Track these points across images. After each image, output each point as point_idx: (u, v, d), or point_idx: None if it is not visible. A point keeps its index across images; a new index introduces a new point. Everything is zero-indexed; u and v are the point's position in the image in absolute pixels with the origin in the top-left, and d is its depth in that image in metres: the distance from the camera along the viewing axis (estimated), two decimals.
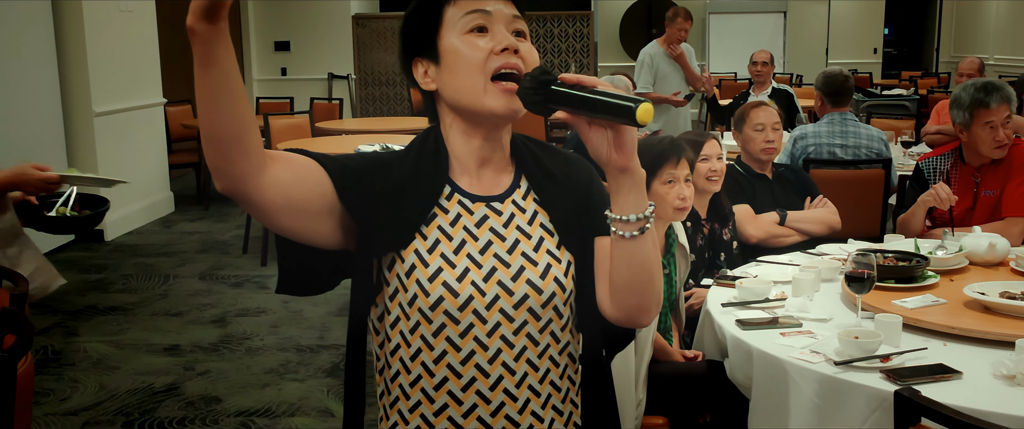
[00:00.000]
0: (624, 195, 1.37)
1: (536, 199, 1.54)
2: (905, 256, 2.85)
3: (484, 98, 1.42)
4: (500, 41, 1.42)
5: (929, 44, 16.24)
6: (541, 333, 1.50)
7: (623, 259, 1.42)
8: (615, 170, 1.35)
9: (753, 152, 3.73)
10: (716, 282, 2.94)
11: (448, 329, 1.45)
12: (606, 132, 1.33)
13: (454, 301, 1.43)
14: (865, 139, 4.54)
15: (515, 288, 1.47)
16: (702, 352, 2.78)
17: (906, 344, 2.30)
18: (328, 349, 4.61)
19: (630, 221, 1.37)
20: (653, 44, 6.96)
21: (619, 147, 1.33)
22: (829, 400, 2.16)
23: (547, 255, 1.50)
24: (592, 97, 1.29)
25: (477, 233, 1.48)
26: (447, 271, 1.44)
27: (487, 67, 1.41)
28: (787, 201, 3.74)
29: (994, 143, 3.42)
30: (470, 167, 1.52)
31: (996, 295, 2.51)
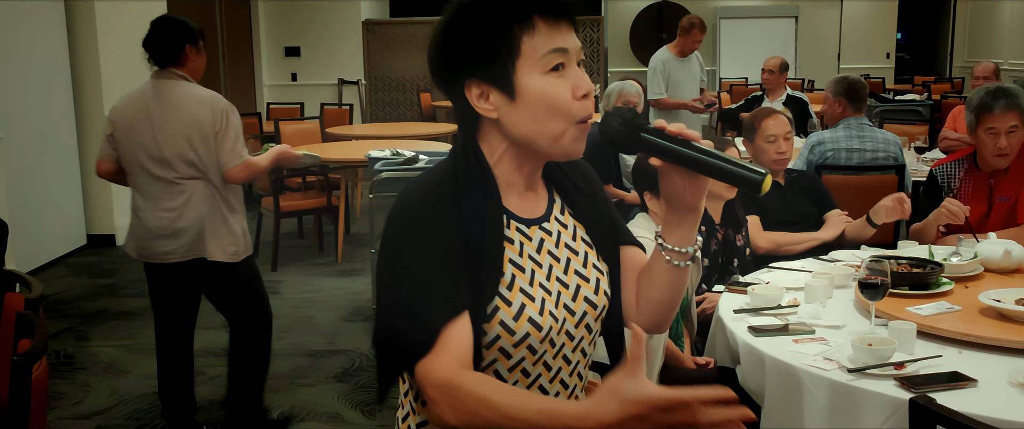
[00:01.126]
0: (685, 229, 1.45)
1: (572, 213, 1.54)
2: (919, 263, 2.83)
3: (564, 142, 1.39)
4: (582, 86, 1.38)
5: (942, 49, 16.18)
6: (591, 345, 1.53)
7: (669, 283, 1.50)
8: (684, 208, 1.43)
9: (765, 163, 3.71)
10: (728, 288, 2.92)
11: (525, 362, 1.43)
12: (686, 177, 1.39)
13: (538, 335, 1.41)
14: (882, 144, 4.52)
15: (576, 307, 1.47)
16: (714, 359, 2.77)
17: (920, 351, 2.28)
18: (338, 354, 4.61)
19: (686, 252, 1.46)
20: (664, 50, 6.96)
21: (695, 192, 1.41)
22: (842, 408, 2.14)
23: (594, 269, 1.51)
24: (710, 162, 1.34)
25: (540, 259, 1.46)
26: (530, 306, 1.41)
27: (571, 114, 1.38)
28: (800, 208, 3.72)
29: (995, 150, 3.38)
30: (519, 190, 1.48)
31: (1012, 302, 2.48)
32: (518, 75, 1.36)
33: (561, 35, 1.38)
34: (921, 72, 16.42)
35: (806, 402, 2.22)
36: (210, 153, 3.35)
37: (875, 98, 9.28)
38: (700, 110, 6.90)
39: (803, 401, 2.23)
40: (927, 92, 10.71)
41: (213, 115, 3.33)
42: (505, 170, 1.44)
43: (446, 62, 1.41)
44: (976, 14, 15.42)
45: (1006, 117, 3.33)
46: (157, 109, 3.34)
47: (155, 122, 3.33)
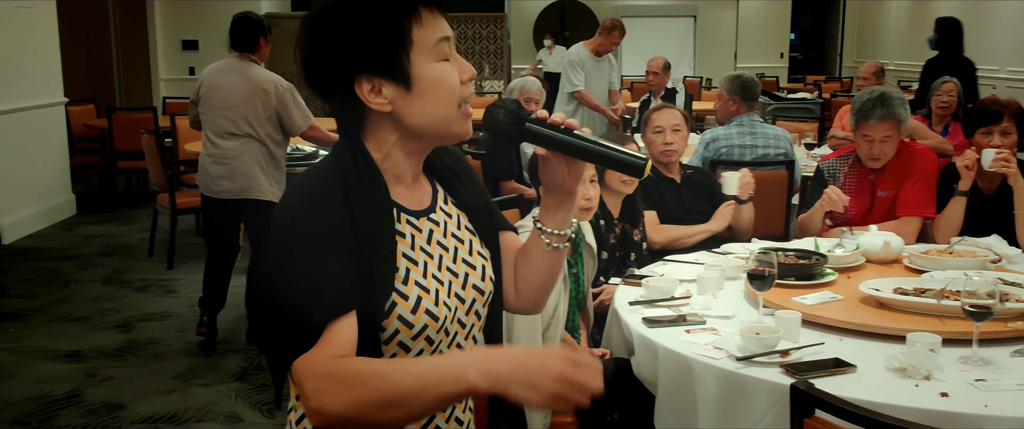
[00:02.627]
0: (563, 212, 1.51)
1: (455, 202, 1.56)
2: (805, 254, 2.94)
3: (453, 126, 1.42)
4: (467, 71, 1.42)
5: (832, 49, 16.76)
6: (480, 331, 1.56)
7: (547, 265, 1.56)
8: (562, 193, 1.48)
9: (654, 154, 3.81)
10: (623, 281, 2.98)
11: (424, 353, 1.44)
12: (565, 163, 1.44)
13: (436, 325, 1.43)
14: (773, 140, 4.66)
15: (466, 295, 1.49)
16: (610, 350, 2.82)
17: (805, 339, 2.36)
18: (237, 353, 4.53)
19: (563, 235, 1.52)
20: (581, 46, 7.11)
21: (574, 177, 1.46)
22: (731, 395, 2.21)
23: (479, 256, 1.54)
24: (591, 148, 1.38)
25: (430, 250, 1.47)
26: (426, 298, 1.42)
27: (460, 96, 1.41)
28: (694, 204, 3.82)
29: (869, 154, 3.54)
30: (409, 183, 1.48)
31: (890, 291, 2.59)
32: (413, 66, 1.37)
33: (442, 23, 1.41)
34: (813, 71, 16.99)
35: (697, 390, 2.28)
36: (262, 122, 4.34)
37: (769, 96, 9.54)
38: (616, 120, 7.01)
39: (694, 389, 2.29)
40: (818, 91, 11.07)
41: (276, 94, 4.35)
42: (394, 164, 1.45)
43: (330, 61, 1.39)
44: (864, 16, 16.01)
45: (881, 127, 3.47)
46: (234, 81, 4.37)
47: (231, 91, 4.35)
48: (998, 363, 2.20)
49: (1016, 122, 3.43)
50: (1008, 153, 3.35)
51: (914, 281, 2.70)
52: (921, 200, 3.52)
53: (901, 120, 3.48)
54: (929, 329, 2.30)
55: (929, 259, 2.98)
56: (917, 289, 2.60)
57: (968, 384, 2.08)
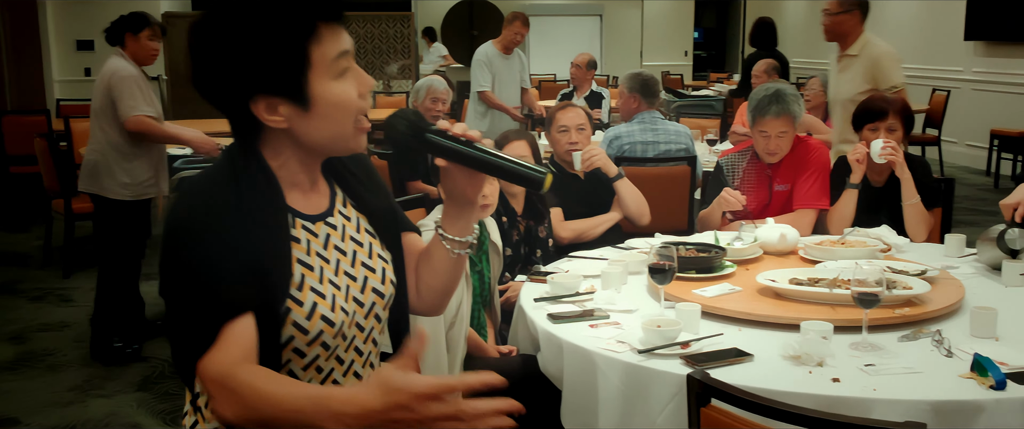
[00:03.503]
0: (464, 220, 1.52)
1: (354, 205, 1.55)
2: (705, 248, 3.00)
3: (349, 142, 1.41)
4: (364, 83, 1.40)
5: (734, 47, 17.15)
6: (381, 334, 1.56)
7: (448, 270, 1.57)
8: (463, 201, 1.48)
9: (559, 153, 3.84)
10: (529, 278, 3.00)
11: (320, 358, 1.43)
12: (466, 174, 1.43)
13: (332, 331, 1.41)
14: (674, 136, 4.75)
15: (365, 299, 1.48)
16: (516, 347, 2.83)
17: (705, 331, 2.41)
18: (138, 363, 4.41)
19: (465, 242, 1.53)
20: (489, 45, 6.97)
21: (474, 187, 1.46)
22: (634, 387, 2.25)
23: (379, 259, 1.53)
24: (492, 160, 1.38)
25: (327, 255, 1.45)
26: (321, 304, 1.40)
27: (357, 112, 1.39)
28: (599, 199, 3.86)
29: (765, 149, 3.65)
30: (305, 189, 1.47)
31: (786, 282, 2.67)
32: (312, 86, 1.34)
33: (341, 37, 1.38)
34: (716, 69, 17.35)
35: (601, 384, 2.31)
36: (99, 114, 4.36)
37: (673, 93, 9.73)
38: (520, 118, 7.00)
39: (598, 383, 2.32)
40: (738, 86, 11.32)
41: (109, 84, 4.30)
42: (290, 171, 1.43)
43: (223, 79, 1.35)
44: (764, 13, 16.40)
45: (777, 123, 3.58)
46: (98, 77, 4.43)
47: (95, 86, 4.42)
48: (886, 348, 2.29)
49: (901, 119, 3.57)
50: (895, 143, 3.48)
51: (809, 271, 2.79)
52: (815, 193, 3.64)
53: (796, 116, 3.59)
54: (822, 317, 2.37)
55: (822, 250, 3.08)
56: (811, 279, 2.68)
57: (858, 369, 2.16)
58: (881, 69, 4.46)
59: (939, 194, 3.67)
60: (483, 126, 6.63)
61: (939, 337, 2.33)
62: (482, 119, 6.74)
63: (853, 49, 4.59)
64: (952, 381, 2.09)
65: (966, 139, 10.30)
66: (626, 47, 16.09)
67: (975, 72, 10.22)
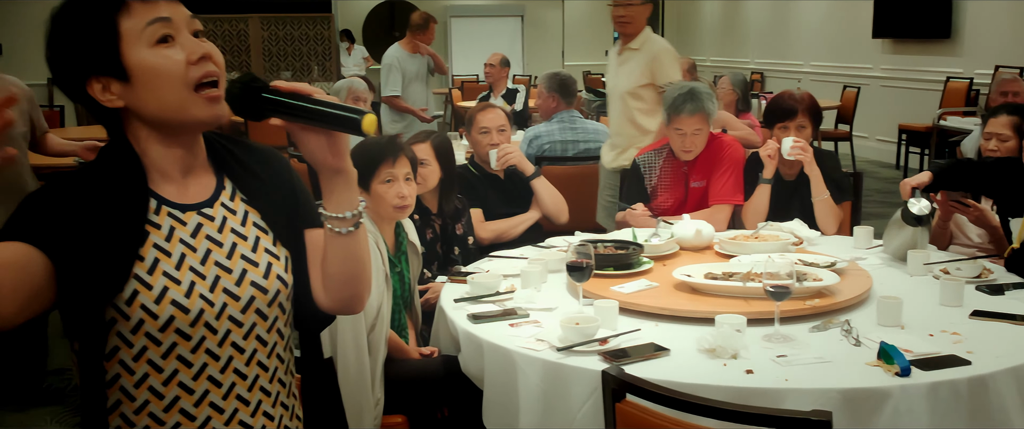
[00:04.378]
0: (339, 194, 1.44)
1: (244, 198, 1.52)
2: (622, 245, 3.04)
3: (191, 110, 1.39)
4: (194, 50, 1.38)
5: None
6: (269, 332, 1.51)
7: (338, 254, 1.49)
8: (330, 171, 1.42)
9: (481, 155, 3.85)
10: (449, 278, 3.00)
11: (179, 347, 1.41)
12: (322, 137, 1.38)
13: (185, 318, 1.40)
14: (592, 135, 4.80)
15: (241, 292, 1.46)
16: (438, 348, 2.83)
17: (623, 327, 2.44)
18: (52, 374, 4.28)
19: (345, 218, 1.45)
20: (396, 47, 6.89)
21: (335, 151, 1.40)
22: (554, 384, 2.26)
23: (266, 254, 1.50)
24: (316, 108, 1.34)
25: (194, 244, 1.44)
26: (174, 289, 1.40)
27: (188, 79, 1.37)
28: (519, 199, 3.87)
29: (680, 147, 3.71)
30: (174, 177, 1.46)
31: (701, 276, 2.72)
32: (125, 57, 1.36)
33: (158, 6, 1.38)
34: None
35: (521, 382, 2.32)
36: None
37: (594, 93, 9.81)
38: (427, 119, 6.98)
39: (518, 382, 2.33)
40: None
41: None
42: (155, 157, 1.44)
43: (61, 67, 1.40)
44: (681, 15, 16.68)
45: (692, 120, 3.64)
46: None
47: None
48: (798, 339, 2.35)
49: (810, 117, 3.66)
50: (805, 142, 3.58)
51: (723, 266, 2.84)
52: (730, 189, 3.71)
53: (710, 113, 3.66)
54: (736, 311, 2.42)
55: (737, 244, 3.14)
56: (726, 273, 2.73)
57: (771, 360, 2.21)
58: (661, 64, 4.42)
59: (848, 188, 3.77)
60: (400, 128, 6.64)
61: (848, 327, 2.40)
62: (399, 121, 6.73)
63: (635, 43, 4.53)
64: (860, 369, 2.16)
65: (876, 134, 10.62)
66: (547, 47, 16.19)
67: (883, 69, 10.54)
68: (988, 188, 3.26)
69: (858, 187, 3.97)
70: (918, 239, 3.03)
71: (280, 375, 1.54)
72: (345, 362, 2.51)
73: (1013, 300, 2.67)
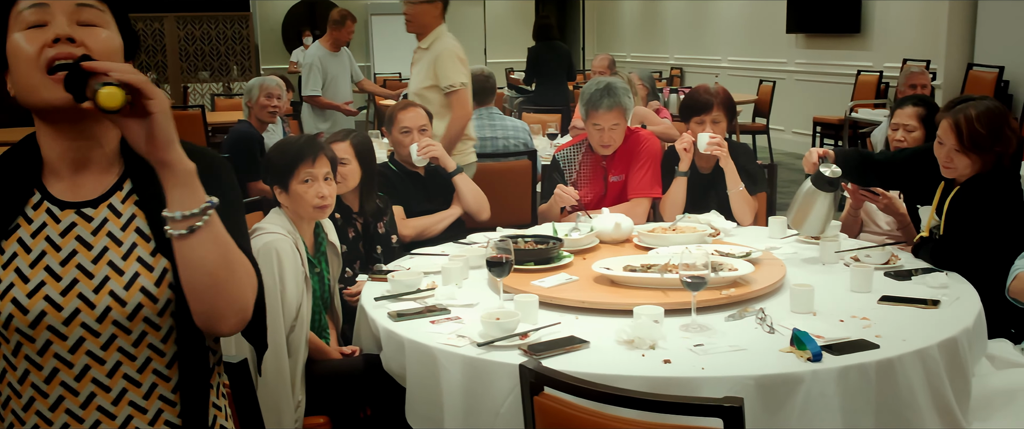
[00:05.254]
0: (170, 191, 1.30)
1: (137, 202, 1.44)
2: (543, 239, 3.06)
3: (41, 92, 1.34)
4: (51, 32, 1.34)
5: (575, 44, 17.50)
6: (137, 347, 1.41)
7: (180, 261, 1.33)
8: (156, 163, 1.30)
9: (403, 155, 3.83)
10: (370, 277, 2.98)
11: (25, 348, 1.37)
12: (138, 124, 1.27)
13: (24, 318, 1.35)
14: (512, 131, 4.82)
15: (97, 300, 1.38)
16: (360, 347, 2.81)
17: (543, 321, 2.46)
18: None
19: (176, 219, 1.30)
20: (317, 45, 6.87)
21: (152, 140, 1.27)
22: (475, 380, 2.27)
23: (137, 263, 1.40)
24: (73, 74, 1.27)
25: (60, 243, 1.39)
26: (18, 287, 1.36)
27: (41, 61, 1.33)
28: (440, 195, 3.86)
29: (599, 142, 3.74)
30: (64, 171, 1.41)
31: (620, 269, 2.75)
32: (7, 43, 1.36)
33: None
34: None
35: (443, 379, 2.32)
36: None
37: (516, 90, 9.85)
38: (353, 113, 6.97)
39: (440, 378, 2.33)
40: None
41: None
42: (46, 148, 1.41)
43: None
44: (602, 13, 16.84)
45: (609, 115, 3.68)
46: None
47: None
48: (714, 328, 2.39)
49: (724, 110, 3.73)
50: (720, 137, 3.64)
51: (642, 258, 2.88)
52: (648, 182, 3.76)
53: (627, 108, 3.70)
54: (654, 302, 2.46)
55: (655, 236, 3.19)
56: (644, 265, 2.77)
57: (688, 350, 2.25)
58: (443, 65, 4.37)
59: (762, 180, 3.86)
60: (324, 126, 6.59)
61: (762, 315, 2.45)
62: (323, 121, 6.68)
63: (425, 42, 4.50)
64: (774, 356, 2.21)
65: (792, 127, 10.87)
66: (469, 45, 16.16)
67: (798, 64, 10.79)
68: (896, 180, 3.37)
69: (772, 178, 4.06)
70: (828, 210, 3.07)
71: (163, 392, 1.44)
72: (264, 364, 2.47)
73: (919, 285, 2.76)
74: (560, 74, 8.76)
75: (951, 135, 2.92)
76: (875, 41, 9.47)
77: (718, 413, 1.58)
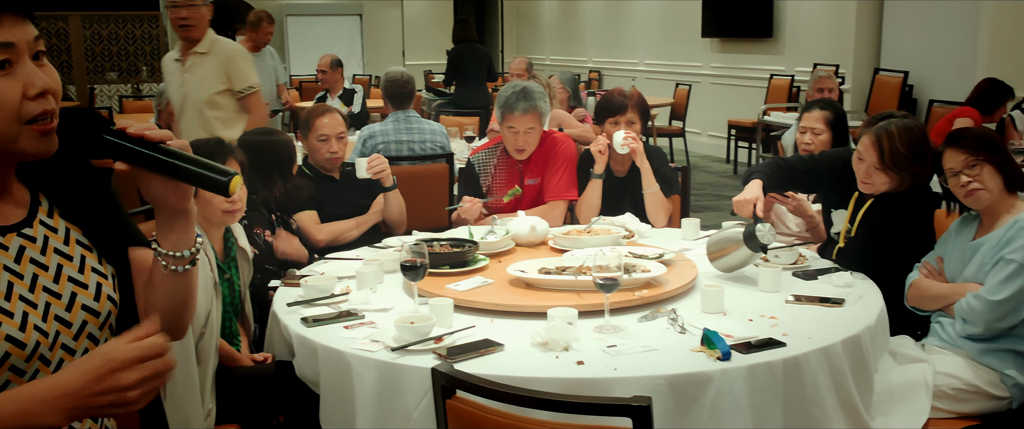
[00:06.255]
0: (178, 233, 1.39)
1: (62, 215, 1.42)
2: (458, 243, 3.06)
3: (20, 143, 1.28)
4: (33, 83, 1.27)
5: (494, 46, 17.55)
6: None
7: (170, 290, 1.43)
8: (171, 212, 1.36)
9: (319, 161, 3.78)
10: (283, 283, 2.94)
11: (12, 384, 1.29)
12: (166, 179, 1.32)
13: (21, 354, 1.28)
14: (429, 134, 4.80)
15: (72, 318, 1.36)
16: (272, 354, 2.77)
17: (458, 324, 2.46)
18: None
19: (183, 257, 1.40)
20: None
21: (179, 194, 1.35)
22: (389, 385, 2.25)
23: (94, 273, 1.41)
24: (171, 163, 1.28)
25: (20, 269, 1.33)
26: (7, 324, 1.28)
27: (22, 114, 1.26)
28: (355, 199, 3.83)
29: (514, 145, 3.75)
30: None
31: (535, 272, 2.76)
32: None
33: (3, 28, 1.26)
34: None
35: (357, 384, 2.30)
36: None
37: (434, 93, 9.83)
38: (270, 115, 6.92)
39: (354, 384, 2.31)
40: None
41: None
42: None
43: None
44: (520, 14, 16.91)
45: (525, 119, 3.68)
46: None
47: None
48: (627, 329, 2.42)
49: (639, 112, 3.78)
50: (634, 134, 3.68)
51: (557, 260, 2.90)
52: (564, 185, 3.78)
53: (542, 112, 3.71)
54: (569, 304, 2.48)
55: (570, 239, 3.21)
56: (559, 268, 2.79)
57: (601, 351, 2.26)
58: (237, 67, 4.30)
59: (676, 182, 3.91)
60: (242, 125, 6.51)
61: (674, 315, 2.49)
62: (239, 127, 6.60)
63: (202, 47, 4.34)
64: (685, 355, 2.24)
65: (708, 130, 11.07)
66: (388, 47, 16.08)
67: (713, 67, 10.99)
68: (812, 186, 3.45)
69: (686, 181, 4.12)
70: (747, 260, 2.90)
71: None
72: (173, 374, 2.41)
73: (825, 285, 2.83)
74: (480, 76, 8.78)
75: (872, 152, 2.94)
76: (787, 46, 9.71)
77: (627, 413, 1.60)
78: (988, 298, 2.60)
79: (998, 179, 2.69)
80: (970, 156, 2.69)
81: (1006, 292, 2.58)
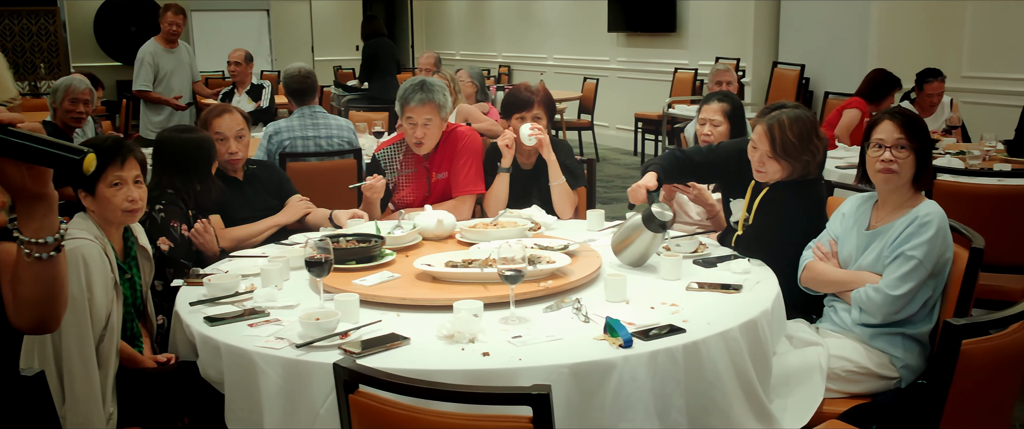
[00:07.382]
0: (40, 219, 1.37)
1: None
2: (365, 238, 3.05)
3: None
4: None
5: (404, 42, 17.46)
6: None
7: (36, 279, 1.42)
8: (29, 197, 1.35)
9: (219, 162, 3.70)
10: (186, 282, 2.89)
11: None
12: (21, 165, 1.31)
13: None
14: (335, 130, 4.77)
15: None
16: (176, 354, 2.72)
17: (365, 319, 2.46)
18: None
19: (47, 243, 1.39)
20: (151, 42, 6.92)
21: (37, 179, 1.34)
22: (295, 382, 2.24)
23: None
24: (22, 145, 1.27)
25: None
26: None
27: None
28: (262, 200, 3.75)
29: (412, 139, 3.74)
30: None
31: (441, 265, 2.78)
32: None
33: None
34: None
35: (262, 382, 2.28)
36: None
37: (343, 88, 9.75)
38: (182, 107, 6.88)
39: (259, 382, 2.29)
40: None
41: None
42: None
43: None
44: (430, 9, 16.86)
45: (422, 111, 3.68)
46: None
47: None
48: (532, 320, 2.45)
49: (545, 107, 3.82)
50: (541, 126, 3.72)
51: (464, 253, 2.92)
52: (471, 178, 3.80)
53: (441, 106, 3.70)
54: (475, 296, 2.50)
55: (477, 232, 3.23)
56: (465, 260, 2.80)
57: (507, 342, 2.29)
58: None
59: (582, 175, 3.97)
60: (158, 119, 6.82)
61: (578, 305, 2.53)
62: (155, 114, 6.81)
63: None
64: (588, 344, 2.28)
65: (615, 123, 11.22)
66: (296, 42, 15.87)
67: (619, 61, 11.14)
68: (710, 176, 3.53)
69: (591, 173, 4.18)
70: (652, 245, 2.95)
71: None
72: (70, 377, 2.36)
73: (724, 272, 2.91)
74: (392, 70, 8.80)
75: (765, 140, 3.02)
76: (690, 40, 9.90)
77: (526, 401, 1.63)
78: (888, 292, 2.69)
79: (913, 171, 2.77)
80: (904, 137, 2.74)
81: (905, 287, 2.67)
